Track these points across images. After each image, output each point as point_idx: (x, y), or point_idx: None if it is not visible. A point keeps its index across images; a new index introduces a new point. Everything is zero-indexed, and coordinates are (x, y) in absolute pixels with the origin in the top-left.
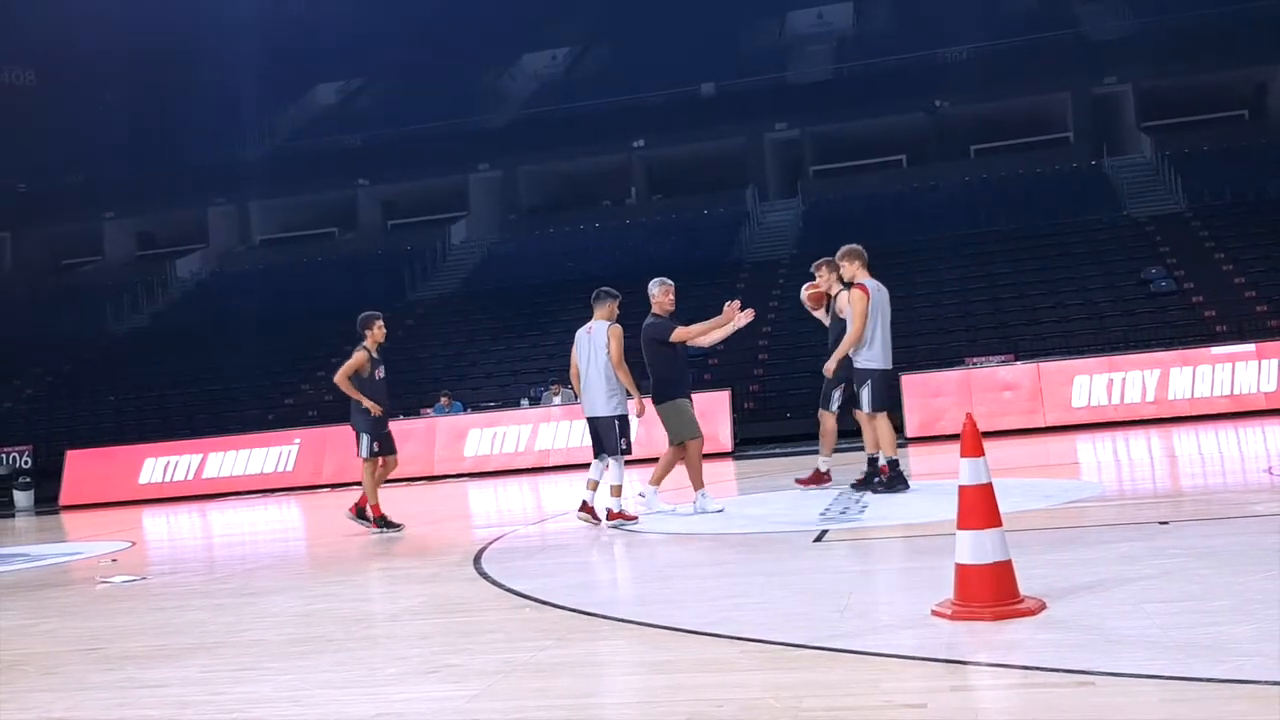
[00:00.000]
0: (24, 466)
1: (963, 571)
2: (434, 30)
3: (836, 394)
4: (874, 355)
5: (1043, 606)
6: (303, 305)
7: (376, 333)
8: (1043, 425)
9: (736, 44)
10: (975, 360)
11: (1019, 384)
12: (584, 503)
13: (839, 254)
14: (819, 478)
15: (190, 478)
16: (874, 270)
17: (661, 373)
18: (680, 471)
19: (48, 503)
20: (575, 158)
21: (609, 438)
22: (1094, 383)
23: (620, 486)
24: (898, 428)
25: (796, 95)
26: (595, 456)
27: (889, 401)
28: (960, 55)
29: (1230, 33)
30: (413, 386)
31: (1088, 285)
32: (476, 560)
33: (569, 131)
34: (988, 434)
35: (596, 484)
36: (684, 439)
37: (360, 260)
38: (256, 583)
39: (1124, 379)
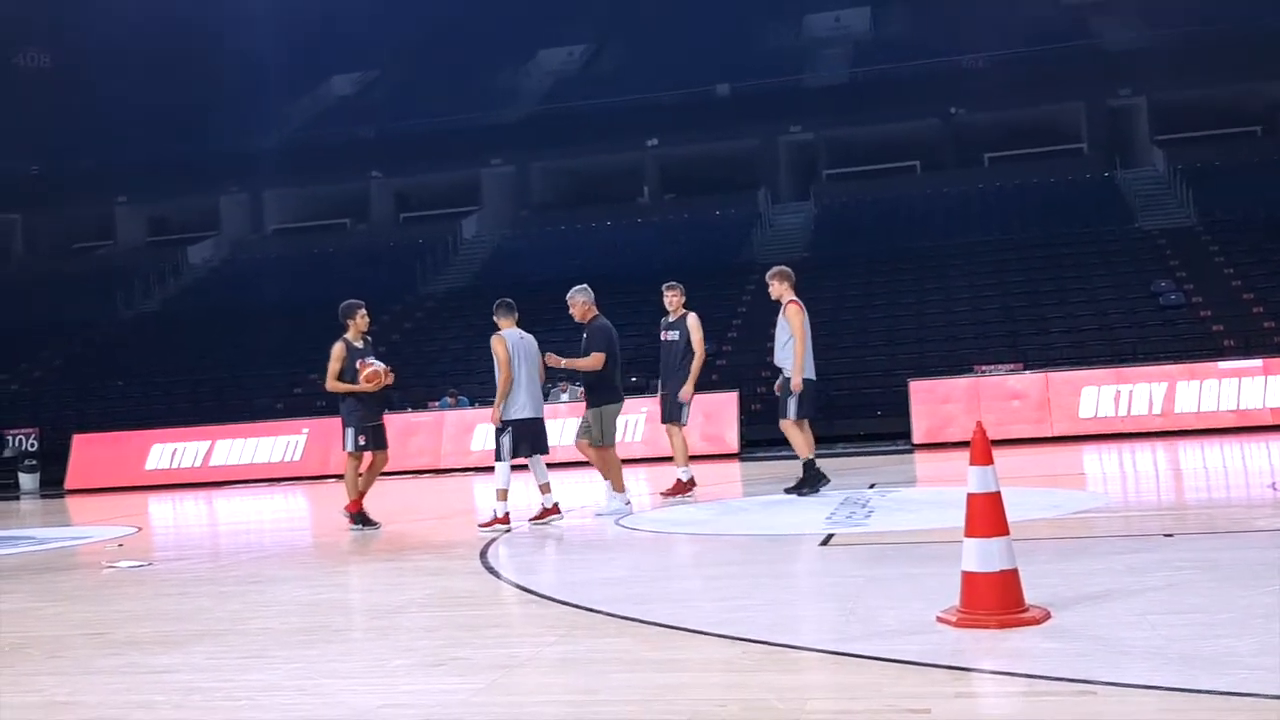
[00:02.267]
0: (30, 449)
1: (969, 579)
2: (451, 24)
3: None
4: (805, 365)
5: (1047, 616)
6: (314, 295)
7: (359, 322)
8: (1050, 435)
9: (753, 46)
10: (984, 368)
11: (1027, 393)
12: (544, 508)
13: (770, 274)
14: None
15: (198, 465)
16: (887, 275)
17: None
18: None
19: (53, 486)
20: (588, 155)
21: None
22: (1102, 394)
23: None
24: (905, 433)
25: (812, 98)
26: (527, 456)
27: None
28: (977, 63)
29: (1246, 49)
30: (421, 380)
31: (1098, 296)
32: (483, 554)
33: (583, 128)
34: (995, 442)
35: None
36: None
37: (372, 252)
38: (263, 571)
39: (1131, 391)
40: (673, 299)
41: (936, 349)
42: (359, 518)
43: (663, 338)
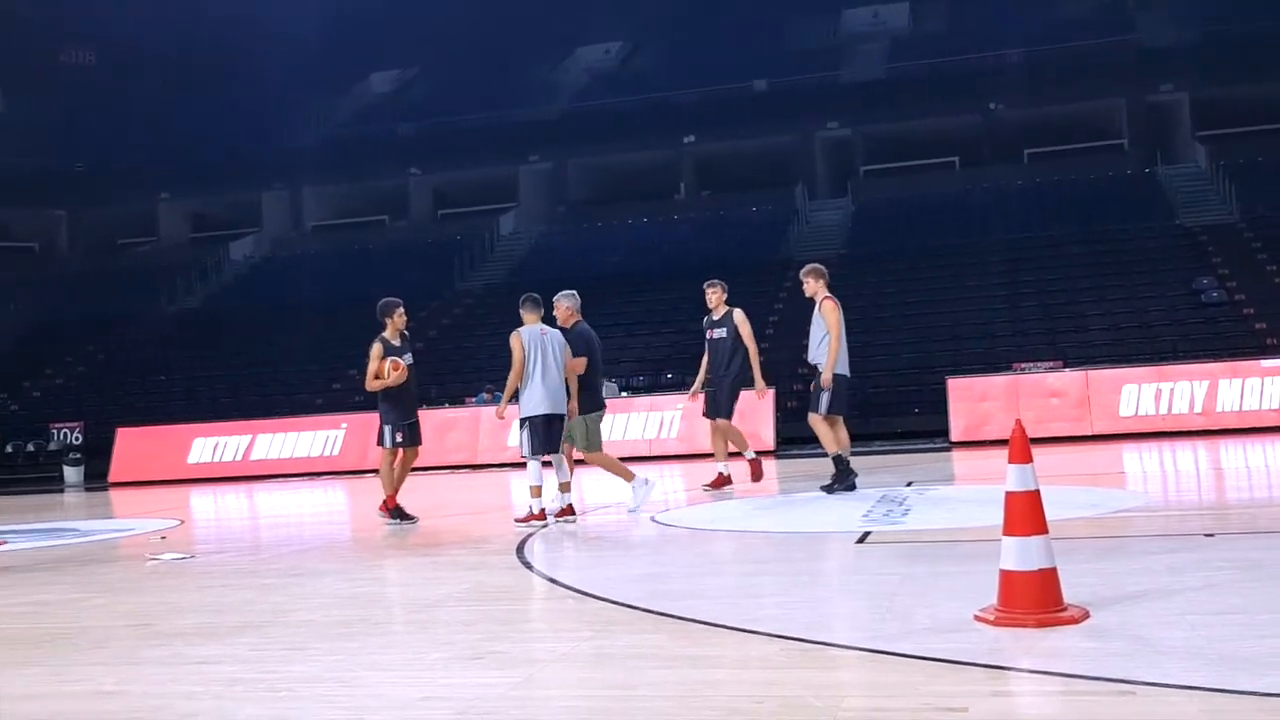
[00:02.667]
0: (75, 443)
1: (1007, 578)
2: (489, 22)
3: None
4: (841, 361)
5: (1086, 615)
6: (352, 291)
7: (396, 320)
8: (1090, 433)
9: (790, 42)
10: (1023, 366)
11: (1066, 391)
12: (560, 507)
13: (804, 272)
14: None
15: (238, 459)
16: (925, 272)
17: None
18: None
19: (97, 479)
20: (625, 152)
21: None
22: (1142, 392)
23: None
24: (943, 431)
25: (849, 94)
26: (543, 454)
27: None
28: (1016, 58)
29: None
30: (458, 375)
31: (1138, 293)
32: (519, 550)
33: (620, 125)
34: (1034, 440)
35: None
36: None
37: (410, 248)
38: (304, 564)
39: (1172, 389)
40: (714, 296)
41: (974, 346)
42: (396, 512)
43: (709, 336)
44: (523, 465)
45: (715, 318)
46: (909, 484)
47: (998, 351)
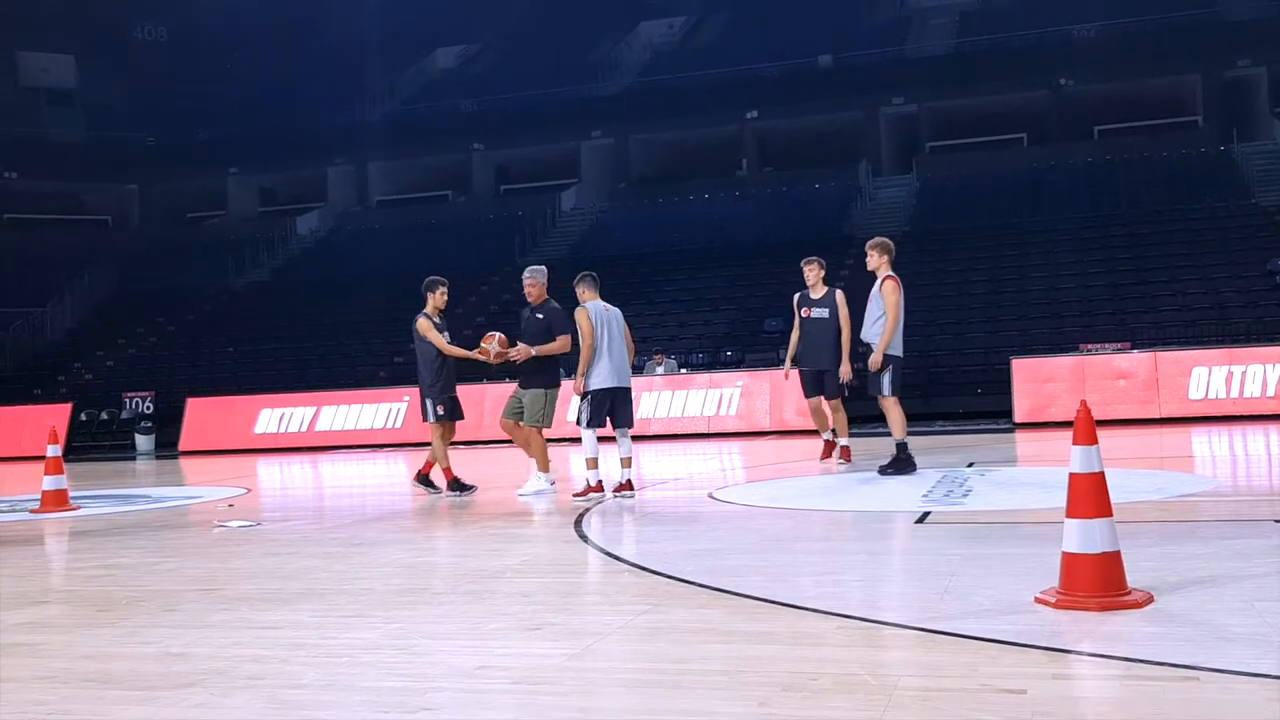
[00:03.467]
0: (146, 412)
1: (1069, 560)
2: None
3: (886, 378)
4: (895, 343)
5: (1150, 599)
6: (416, 266)
7: (438, 298)
8: (1158, 416)
9: (856, 16)
10: (1090, 347)
11: (1134, 373)
12: (619, 482)
13: (870, 244)
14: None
15: (304, 430)
16: (990, 251)
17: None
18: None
19: (168, 447)
20: (687, 128)
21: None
22: (1213, 374)
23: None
24: (1006, 412)
25: (916, 69)
26: (605, 426)
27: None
28: (1088, 32)
29: None
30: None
31: (1211, 274)
32: (577, 523)
33: (682, 101)
34: (1100, 423)
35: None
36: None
37: (472, 224)
38: (366, 534)
39: (1244, 372)
40: (813, 274)
41: (1040, 326)
42: (455, 484)
43: (805, 314)
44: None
45: (815, 296)
46: (970, 465)
47: (1064, 332)
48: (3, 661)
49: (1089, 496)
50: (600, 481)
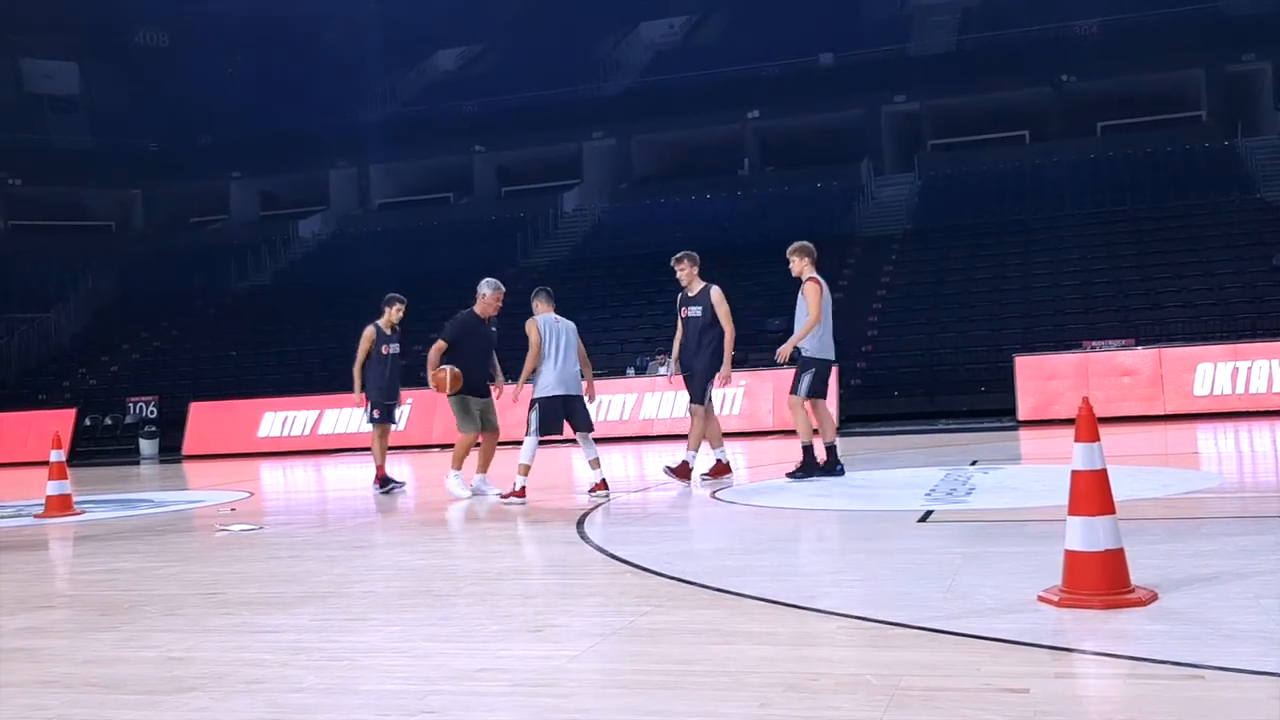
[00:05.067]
0: (150, 416)
1: (1072, 558)
2: None
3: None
4: (823, 347)
5: (1154, 597)
6: (418, 268)
7: (391, 314)
8: (1162, 413)
9: (857, 14)
10: (1094, 344)
11: (1139, 369)
12: (593, 483)
13: (791, 250)
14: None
15: (307, 433)
16: (993, 249)
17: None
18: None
19: (171, 452)
20: (689, 127)
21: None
22: (1218, 371)
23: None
24: (1010, 409)
25: (917, 67)
26: (552, 434)
27: (823, 392)
28: (1089, 29)
29: None
30: (519, 353)
31: (1215, 270)
32: (579, 525)
33: (684, 101)
34: (1104, 420)
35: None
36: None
37: (474, 226)
38: (367, 536)
39: (1249, 368)
40: (685, 272)
41: (1044, 324)
42: (385, 481)
43: (684, 314)
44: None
45: (690, 294)
46: (974, 463)
47: (1068, 329)
48: (4, 666)
49: (1091, 494)
50: (524, 487)
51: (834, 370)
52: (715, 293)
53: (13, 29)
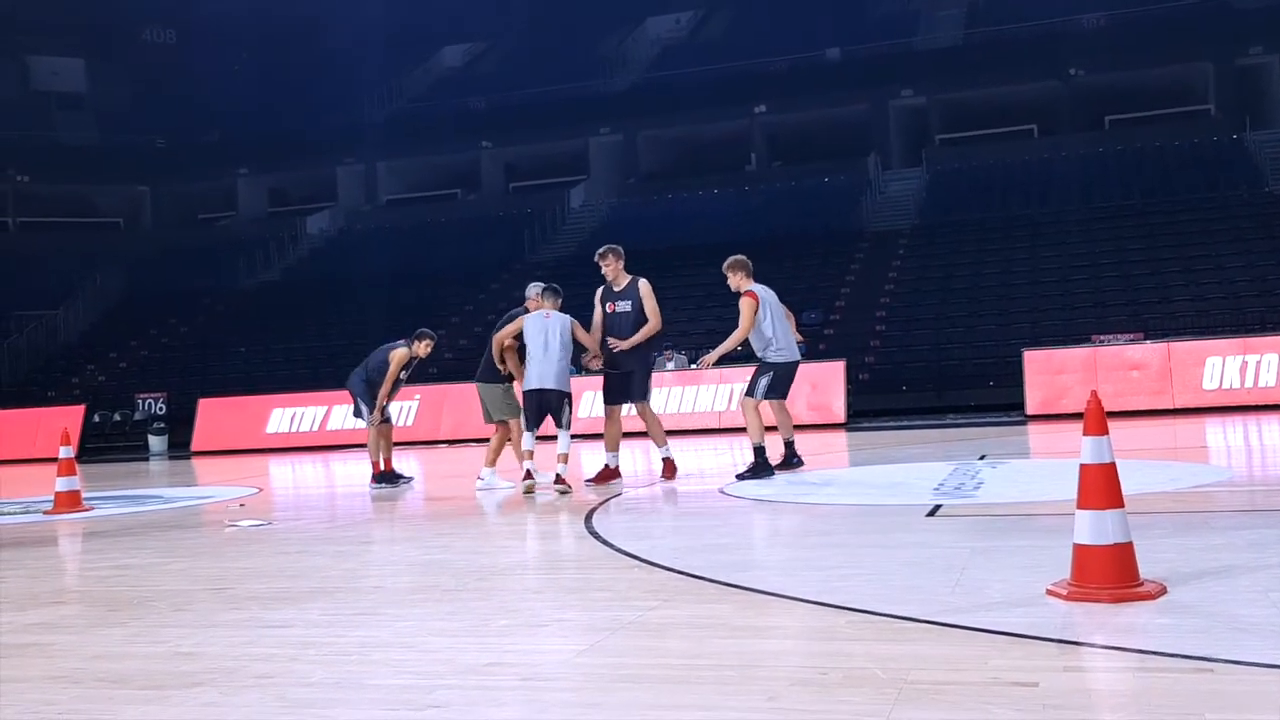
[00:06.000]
0: (159, 413)
1: (1081, 552)
2: None
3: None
4: (786, 351)
5: (1163, 591)
6: (426, 265)
7: (420, 348)
8: (1171, 407)
9: (863, 8)
10: (1102, 338)
11: (1148, 363)
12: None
13: (726, 265)
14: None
15: (315, 429)
16: (1001, 243)
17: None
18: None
19: (180, 448)
20: (696, 123)
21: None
22: (1227, 364)
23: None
24: (1018, 404)
25: (924, 61)
26: (529, 429)
27: (783, 392)
28: (1097, 22)
29: None
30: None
31: (1224, 263)
32: (587, 519)
33: (690, 96)
34: (1113, 414)
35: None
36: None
37: (481, 222)
38: (376, 532)
39: (1259, 361)
40: (610, 266)
41: (1052, 318)
42: (384, 477)
43: (610, 309)
44: (598, 436)
45: (617, 288)
46: (982, 457)
47: (1076, 324)
48: (15, 661)
49: (1100, 487)
50: (530, 471)
51: (798, 369)
52: (644, 285)
53: (19, 27)
